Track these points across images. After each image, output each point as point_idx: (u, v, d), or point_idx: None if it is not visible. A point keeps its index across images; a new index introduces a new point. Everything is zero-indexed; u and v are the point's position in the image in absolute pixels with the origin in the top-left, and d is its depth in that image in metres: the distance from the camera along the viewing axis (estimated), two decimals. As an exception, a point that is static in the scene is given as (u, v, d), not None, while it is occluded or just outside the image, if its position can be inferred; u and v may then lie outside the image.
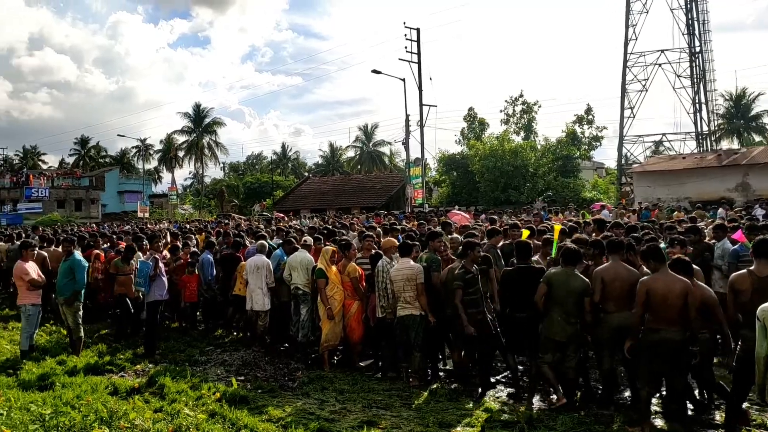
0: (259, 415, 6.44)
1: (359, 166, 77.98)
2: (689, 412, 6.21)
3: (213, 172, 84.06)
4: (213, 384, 7.59)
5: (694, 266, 6.38)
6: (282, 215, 31.71)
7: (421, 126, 34.80)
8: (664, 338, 5.69)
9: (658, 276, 5.86)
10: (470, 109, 51.26)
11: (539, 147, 44.44)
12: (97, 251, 12.48)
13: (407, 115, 35.32)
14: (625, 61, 42.72)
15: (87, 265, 9.90)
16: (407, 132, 35.45)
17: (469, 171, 42.71)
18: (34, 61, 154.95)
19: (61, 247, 11.76)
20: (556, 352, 6.48)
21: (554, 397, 6.62)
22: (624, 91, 42.85)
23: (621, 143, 43.31)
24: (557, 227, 8.68)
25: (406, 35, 34.16)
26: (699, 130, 42.40)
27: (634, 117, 42.76)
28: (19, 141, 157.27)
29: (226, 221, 23.67)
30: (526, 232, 9.01)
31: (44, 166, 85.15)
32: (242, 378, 8.16)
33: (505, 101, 51.06)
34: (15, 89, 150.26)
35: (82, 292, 9.46)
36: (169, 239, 12.15)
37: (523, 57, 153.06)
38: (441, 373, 8.18)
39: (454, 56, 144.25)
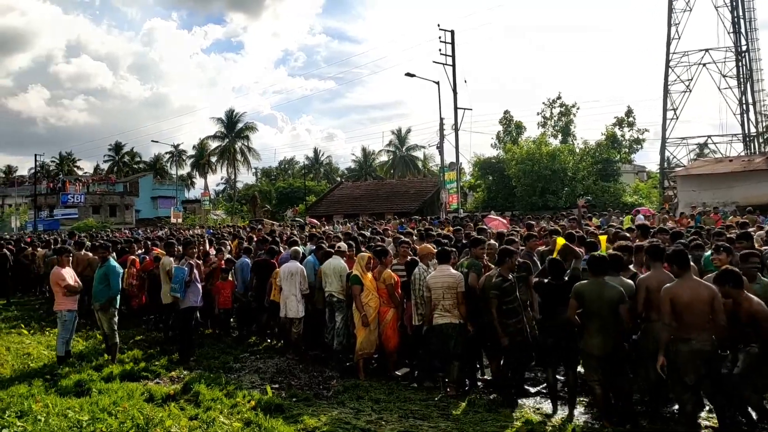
0: (294, 424, 6.46)
1: (392, 171, 78.14)
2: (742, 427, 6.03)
3: (245, 177, 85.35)
4: (248, 392, 7.65)
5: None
6: (315, 221, 31.89)
7: (456, 129, 34.67)
8: (696, 349, 5.55)
9: (682, 282, 5.73)
10: (506, 112, 51.08)
11: (578, 150, 43.93)
12: (133, 257, 12.70)
13: (441, 119, 35.21)
14: (668, 60, 41.99)
15: (122, 271, 10.07)
16: (441, 136, 35.30)
17: (505, 175, 42.41)
18: (71, 68, 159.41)
19: (93, 252, 12.02)
20: (598, 368, 6.32)
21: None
22: (666, 91, 42.12)
23: (663, 146, 42.57)
24: (603, 238, 8.52)
25: (440, 37, 34.09)
26: (746, 131, 41.43)
27: (677, 119, 42.04)
28: (55, 147, 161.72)
29: (259, 227, 23.89)
30: (560, 241, 8.48)
31: (80, 173, 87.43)
32: (277, 386, 8.19)
33: (543, 103, 50.75)
34: (52, 96, 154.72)
35: (117, 298, 9.63)
36: (207, 246, 12.30)
37: (561, 58, 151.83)
38: (479, 383, 8.11)
39: (490, 58, 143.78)
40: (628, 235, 8.91)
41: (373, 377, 8.52)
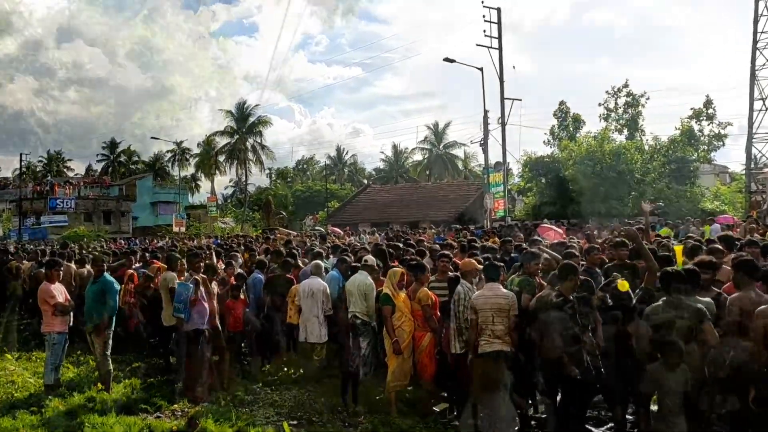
0: (315, 467, 6.47)
1: (428, 172, 78.25)
2: None
3: (258, 179, 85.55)
4: (262, 428, 7.70)
5: None
6: (338, 230, 32.01)
7: (503, 124, 34.55)
8: None
9: None
10: (562, 102, 50.61)
11: (647, 148, 43.44)
12: (131, 271, 12.86)
13: (486, 111, 35.16)
14: (755, 41, 41.26)
15: (120, 287, 10.19)
16: (485, 131, 35.25)
17: (560, 177, 42.10)
18: (62, 55, 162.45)
19: (81, 265, 12.19)
20: (677, 404, 6.21)
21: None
22: (754, 78, 41.38)
23: (750, 142, 41.78)
24: (678, 249, 8.39)
25: (484, 16, 34.03)
26: None
27: (766, 110, 41.25)
28: (43, 145, 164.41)
29: (273, 237, 24.07)
30: (624, 285, 7.23)
31: (70, 174, 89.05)
32: (295, 422, 8.22)
33: (606, 93, 50.08)
34: (41, 87, 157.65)
35: (114, 318, 9.73)
36: (215, 259, 12.41)
37: (627, 39, 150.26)
38: (532, 422, 8.03)
39: (543, 40, 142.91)
40: (720, 247, 8.71)
41: (407, 413, 8.50)
